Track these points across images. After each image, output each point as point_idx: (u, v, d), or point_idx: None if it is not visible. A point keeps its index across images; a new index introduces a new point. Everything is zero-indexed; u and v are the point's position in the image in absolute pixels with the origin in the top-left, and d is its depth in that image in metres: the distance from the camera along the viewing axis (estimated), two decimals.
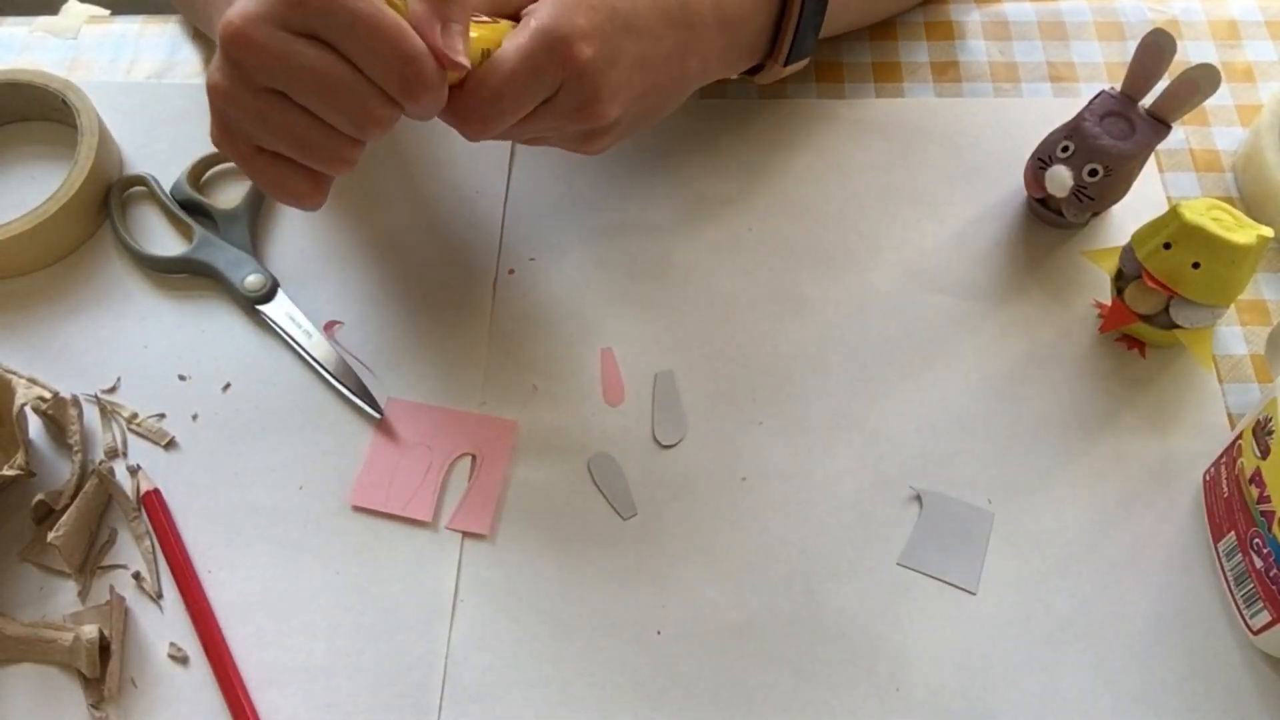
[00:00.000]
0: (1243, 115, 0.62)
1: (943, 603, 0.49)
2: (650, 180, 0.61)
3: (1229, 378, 0.54)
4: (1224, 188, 0.60)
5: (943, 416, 0.53)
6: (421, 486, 0.52)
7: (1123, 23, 0.66)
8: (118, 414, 0.54)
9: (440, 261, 0.58)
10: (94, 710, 0.47)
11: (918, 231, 0.59)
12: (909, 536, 0.50)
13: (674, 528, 0.51)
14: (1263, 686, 0.46)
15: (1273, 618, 0.45)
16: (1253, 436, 0.46)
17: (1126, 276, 0.52)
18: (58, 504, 0.50)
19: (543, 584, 0.50)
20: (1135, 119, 0.53)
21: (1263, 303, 0.56)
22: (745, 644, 0.48)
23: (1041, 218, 0.58)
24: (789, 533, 0.51)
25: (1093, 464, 0.52)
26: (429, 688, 0.48)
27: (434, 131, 0.62)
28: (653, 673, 0.48)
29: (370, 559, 0.51)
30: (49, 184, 0.57)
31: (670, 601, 0.49)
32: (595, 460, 0.53)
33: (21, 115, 0.63)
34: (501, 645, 0.48)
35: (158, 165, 0.62)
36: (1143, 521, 0.50)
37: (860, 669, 0.47)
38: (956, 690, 0.47)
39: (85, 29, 0.68)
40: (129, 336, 0.57)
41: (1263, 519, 0.44)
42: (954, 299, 0.56)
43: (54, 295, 0.58)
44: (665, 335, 0.56)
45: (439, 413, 0.54)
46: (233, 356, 0.56)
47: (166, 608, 0.50)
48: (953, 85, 0.63)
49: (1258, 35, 0.65)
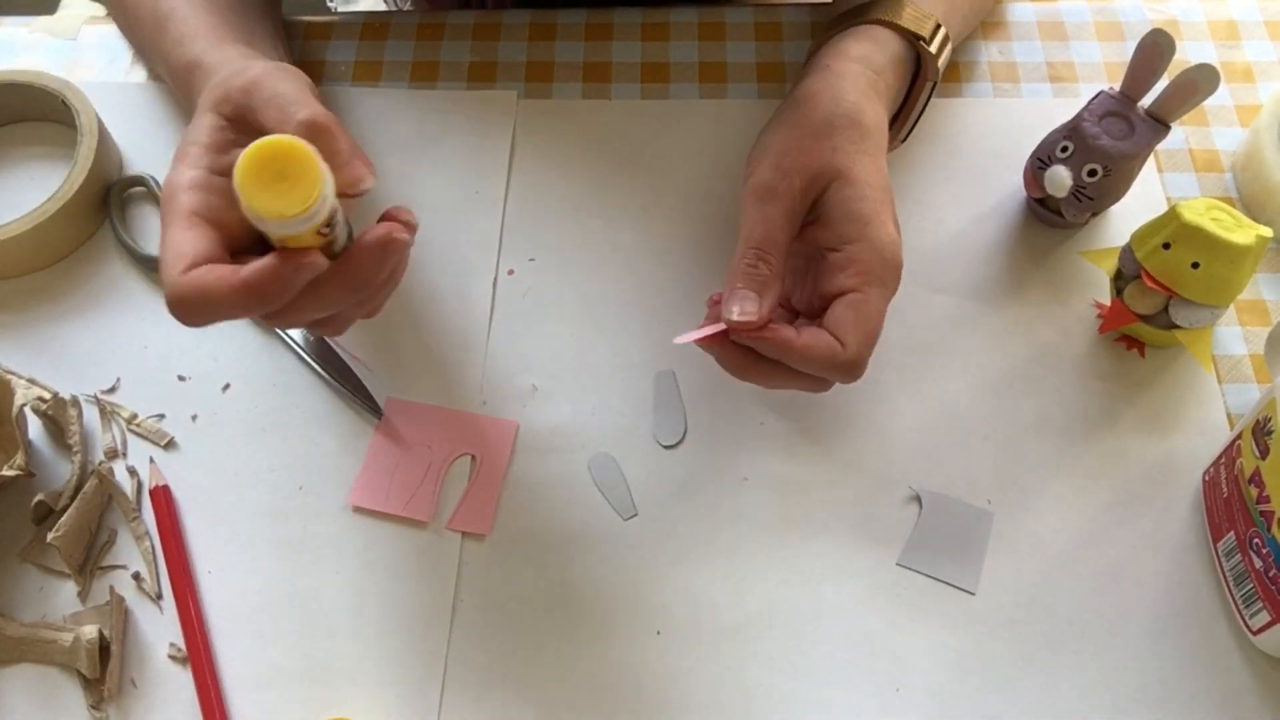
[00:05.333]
0: (1242, 115, 0.62)
1: (942, 603, 0.49)
2: (651, 180, 0.61)
3: (1229, 378, 0.54)
4: (1223, 188, 0.60)
5: (943, 416, 0.53)
6: (421, 486, 0.52)
7: (1122, 23, 0.66)
8: (117, 414, 0.54)
9: (440, 261, 0.58)
10: (94, 710, 0.47)
11: (918, 231, 0.59)
12: (909, 536, 0.50)
13: (674, 528, 0.51)
14: (1263, 686, 0.47)
15: (1272, 618, 0.45)
16: (1252, 437, 0.46)
17: (1126, 276, 0.52)
18: (58, 504, 0.50)
19: (543, 584, 0.50)
20: (1135, 119, 0.53)
21: (1262, 303, 0.56)
22: (745, 644, 0.48)
23: (1041, 218, 0.58)
24: (789, 533, 0.51)
25: (1093, 464, 0.52)
26: (429, 688, 0.48)
27: (433, 131, 0.62)
28: (653, 673, 0.48)
29: (370, 559, 0.51)
30: (49, 184, 0.57)
31: (670, 601, 0.49)
32: (595, 460, 0.53)
33: (21, 115, 0.63)
34: (501, 645, 0.48)
35: (158, 165, 0.62)
36: (1143, 521, 0.50)
37: (860, 669, 0.47)
38: (956, 690, 0.47)
39: (85, 29, 0.68)
40: (129, 336, 0.57)
41: (1262, 519, 0.44)
42: (954, 299, 0.56)
43: (54, 295, 0.58)
44: (665, 335, 0.56)
45: (439, 413, 0.54)
46: (233, 356, 0.56)
47: (166, 608, 0.50)
48: (953, 85, 0.64)
49: (1257, 35, 0.65)
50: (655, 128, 0.62)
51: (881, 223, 0.46)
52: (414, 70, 0.65)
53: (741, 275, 0.46)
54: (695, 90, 0.64)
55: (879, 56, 0.52)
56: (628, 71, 0.65)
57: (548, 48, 0.66)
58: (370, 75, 0.65)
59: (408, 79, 0.65)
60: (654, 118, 0.63)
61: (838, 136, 0.48)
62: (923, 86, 0.55)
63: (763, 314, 0.45)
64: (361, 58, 0.66)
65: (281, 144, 0.37)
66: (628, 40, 0.66)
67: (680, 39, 0.66)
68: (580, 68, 0.65)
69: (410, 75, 0.65)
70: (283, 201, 0.37)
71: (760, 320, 0.45)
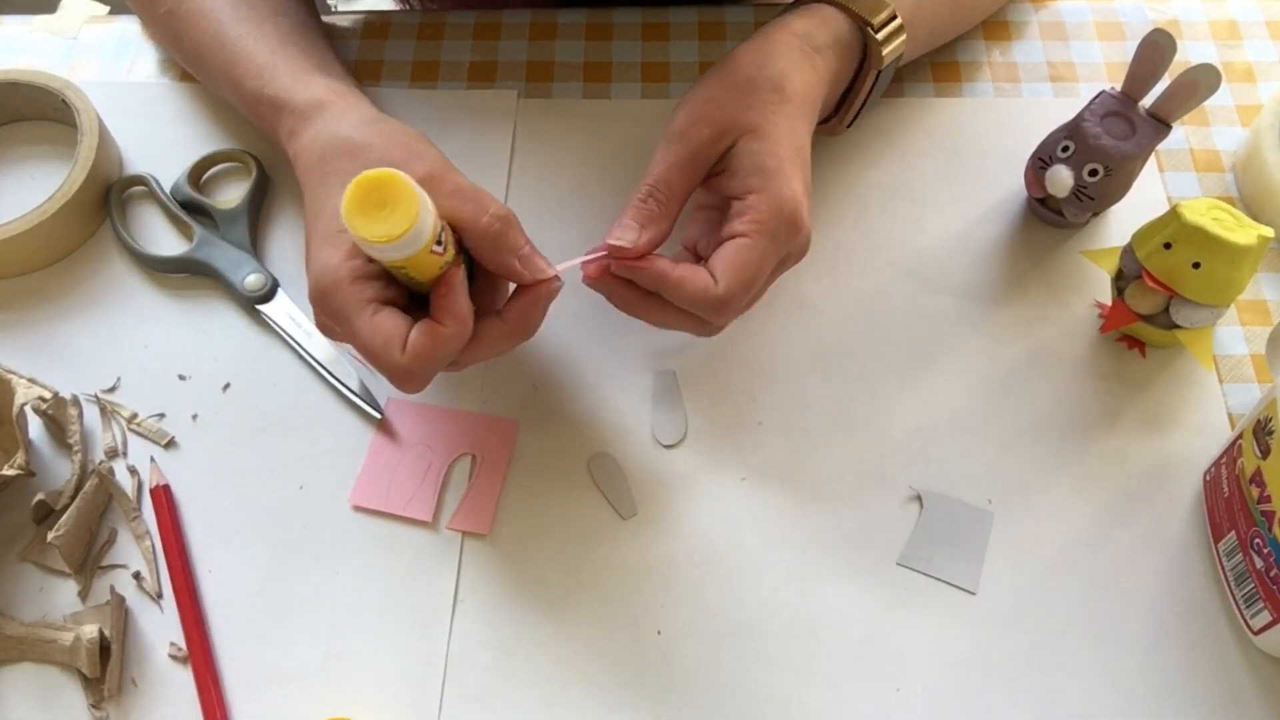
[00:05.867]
0: (1243, 115, 0.62)
1: (943, 603, 0.49)
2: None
3: (1229, 378, 0.54)
4: (1224, 188, 0.60)
5: (943, 416, 0.53)
6: (421, 486, 0.52)
7: (1123, 23, 0.66)
8: (118, 414, 0.54)
9: None
10: (94, 710, 0.47)
11: (918, 231, 0.59)
12: (909, 536, 0.50)
13: (674, 528, 0.51)
14: (1263, 686, 0.46)
15: (1273, 618, 0.45)
16: (1253, 436, 0.46)
17: (1126, 276, 0.52)
18: (58, 504, 0.50)
19: (543, 584, 0.50)
20: (1135, 119, 0.53)
21: (1263, 303, 0.56)
22: (745, 644, 0.48)
23: (1041, 218, 0.58)
24: (789, 533, 0.51)
25: (1093, 464, 0.52)
26: (429, 688, 0.48)
27: (433, 131, 0.62)
28: (653, 673, 0.48)
29: (370, 559, 0.51)
30: (49, 184, 0.57)
31: (670, 601, 0.49)
32: (595, 460, 0.53)
33: (21, 115, 0.63)
34: (501, 645, 0.48)
35: (158, 165, 0.62)
36: (1143, 521, 0.50)
37: (860, 669, 0.47)
38: (956, 690, 0.47)
39: (85, 29, 0.68)
40: (129, 336, 0.57)
41: (1263, 519, 0.44)
42: (954, 299, 0.56)
43: (54, 295, 0.58)
44: (666, 335, 0.56)
45: (439, 413, 0.54)
46: (233, 356, 0.56)
47: (166, 607, 0.50)
48: (953, 85, 0.63)
49: (1258, 35, 0.65)
50: (655, 128, 0.62)
51: (785, 178, 0.47)
52: (414, 70, 0.65)
53: (630, 208, 0.48)
54: None
55: (821, 35, 0.52)
56: (628, 71, 0.65)
57: (548, 47, 0.66)
58: (370, 75, 0.65)
59: (408, 79, 0.65)
60: (654, 118, 0.63)
61: (755, 96, 0.49)
62: (868, 74, 0.55)
63: (639, 244, 0.47)
64: (362, 57, 0.66)
65: (379, 176, 0.41)
66: (628, 40, 0.66)
67: (680, 39, 0.66)
68: (580, 68, 0.65)
69: (410, 75, 0.65)
70: (387, 226, 0.40)
71: (636, 250, 0.47)
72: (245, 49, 0.55)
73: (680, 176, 0.48)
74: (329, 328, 0.47)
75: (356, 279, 0.44)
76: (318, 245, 0.46)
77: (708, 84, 0.50)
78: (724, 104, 0.49)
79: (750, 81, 0.49)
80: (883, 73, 0.55)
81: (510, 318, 0.46)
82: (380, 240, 0.40)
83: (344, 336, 0.46)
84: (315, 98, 0.52)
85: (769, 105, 0.49)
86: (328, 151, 0.48)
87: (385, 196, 0.40)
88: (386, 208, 0.40)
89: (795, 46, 0.51)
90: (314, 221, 0.47)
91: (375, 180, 0.40)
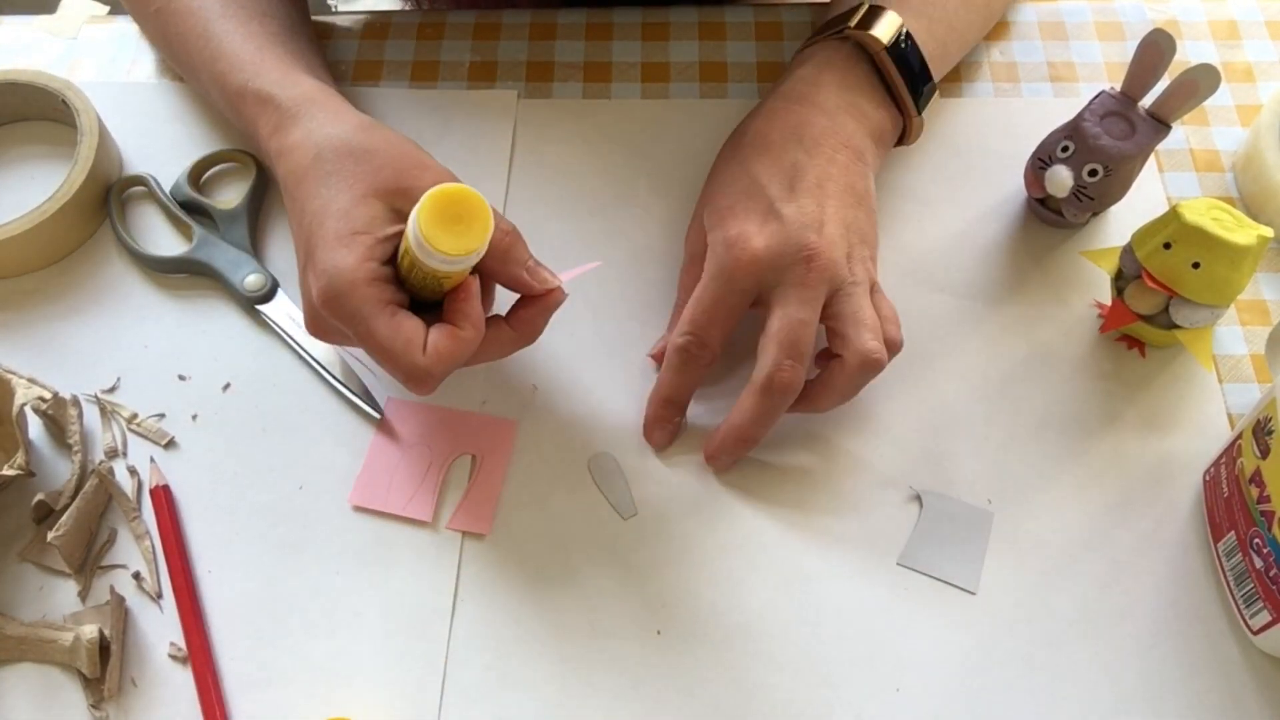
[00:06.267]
0: (1243, 115, 0.62)
1: (943, 603, 0.49)
2: (651, 180, 0.61)
3: (1229, 378, 0.54)
4: (1224, 188, 0.60)
5: (943, 416, 0.53)
6: (421, 486, 0.52)
7: (1123, 23, 0.66)
8: (118, 414, 0.54)
9: None
10: (94, 710, 0.47)
11: (918, 231, 0.59)
12: (909, 536, 0.50)
13: (674, 528, 0.51)
14: (1263, 686, 0.46)
15: (1273, 618, 0.45)
16: (1253, 436, 0.46)
17: (1126, 276, 0.52)
18: (58, 504, 0.50)
19: (543, 584, 0.50)
20: (1135, 119, 0.53)
21: (1263, 303, 0.56)
22: (745, 644, 0.48)
23: (1041, 218, 0.58)
24: (789, 533, 0.51)
25: (1093, 464, 0.52)
26: (429, 688, 0.48)
27: (433, 131, 0.62)
28: (653, 673, 0.48)
29: (370, 559, 0.51)
30: (49, 184, 0.57)
31: (670, 601, 0.49)
32: (595, 460, 0.53)
33: (21, 115, 0.63)
34: (501, 645, 0.48)
35: (158, 165, 0.62)
36: (1143, 521, 0.50)
37: (860, 669, 0.47)
38: (956, 690, 0.47)
39: (85, 29, 0.68)
40: (129, 336, 0.57)
41: (1263, 519, 0.44)
42: (954, 299, 0.56)
43: (54, 295, 0.58)
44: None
45: (439, 413, 0.54)
46: (233, 356, 0.56)
47: (166, 607, 0.50)
48: (953, 85, 0.63)
49: (1258, 35, 0.65)
50: (655, 128, 0.62)
51: (731, 219, 0.50)
52: (414, 70, 0.65)
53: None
54: (695, 90, 0.64)
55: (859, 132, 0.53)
56: (628, 71, 0.65)
57: (548, 47, 0.66)
58: (370, 75, 0.65)
59: (408, 79, 0.65)
60: (654, 118, 0.63)
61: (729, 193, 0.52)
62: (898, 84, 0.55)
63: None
64: (362, 57, 0.66)
65: (457, 191, 0.43)
66: (628, 40, 0.66)
67: (680, 39, 0.66)
68: (580, 67, 0.65)
69: (410, 75, 0.65)
70: (465, 240, 0.42)
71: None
72: (232, 44, 0.55)
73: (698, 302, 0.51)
74: (331, 330, 0.47)
75: (373, 281, 0.44)
76: (329, 246, 0.45)
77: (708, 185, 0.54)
78: (699, 231, 0.53)
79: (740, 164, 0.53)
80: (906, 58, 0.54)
81: (518, 325, 0.48)
82: (458, 254, 0.42)
83: (355, 339, 0.46)
84: (303, 94, 0.52)
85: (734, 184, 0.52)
86: (325, 151, 0.48)
87: (461, 211, 0.42)
88: (462, 222, 0.42)
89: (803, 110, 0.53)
90: (319, 221, 0.46)
91: (452, 195, 0.42)
